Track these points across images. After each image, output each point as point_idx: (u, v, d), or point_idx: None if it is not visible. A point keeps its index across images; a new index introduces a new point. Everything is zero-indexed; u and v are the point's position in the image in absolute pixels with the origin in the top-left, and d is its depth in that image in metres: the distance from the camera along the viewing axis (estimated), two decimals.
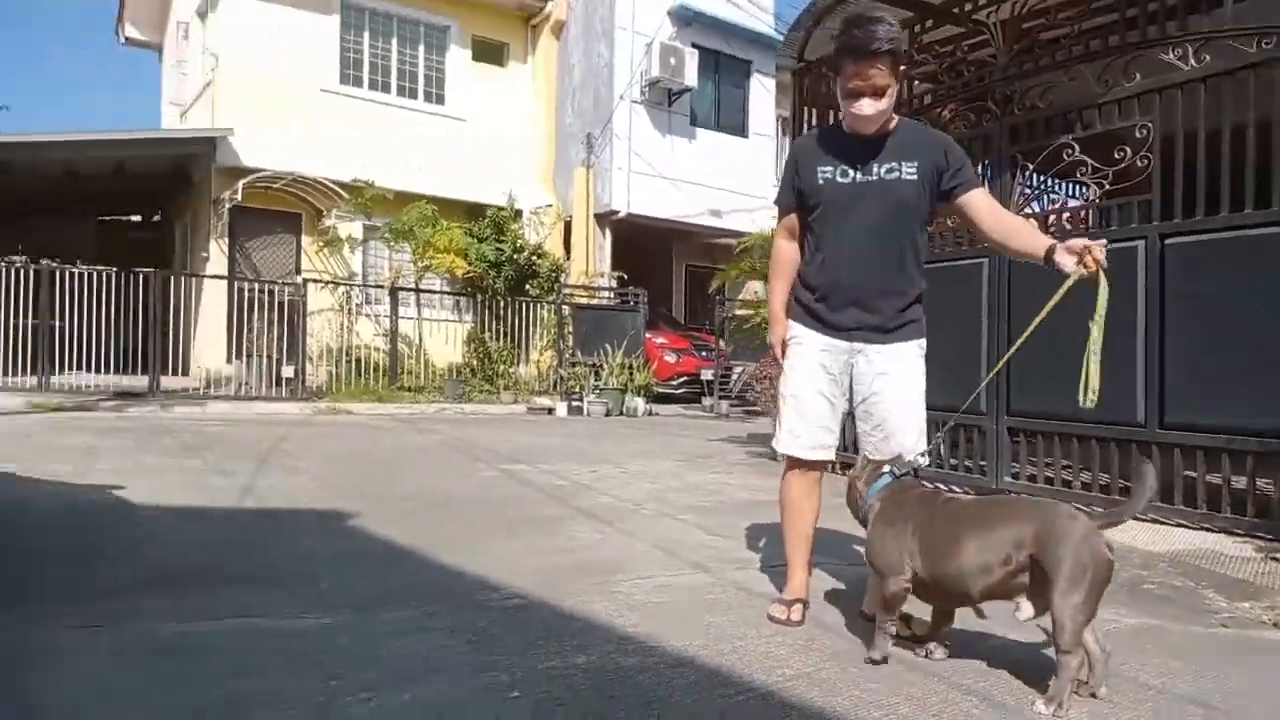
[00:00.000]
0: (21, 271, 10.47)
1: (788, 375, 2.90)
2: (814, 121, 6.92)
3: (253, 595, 2.93)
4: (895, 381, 2.74)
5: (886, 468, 2.61)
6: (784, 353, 2.93)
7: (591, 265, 15.20)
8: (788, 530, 2.93)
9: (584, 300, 14.17)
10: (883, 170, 2.71)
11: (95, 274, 10.69)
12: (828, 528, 3.26)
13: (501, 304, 13.65)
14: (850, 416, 2.88)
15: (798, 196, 2.86)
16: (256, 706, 2.02)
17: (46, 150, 12.19)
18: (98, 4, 41.29)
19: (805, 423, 2.83)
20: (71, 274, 10.59)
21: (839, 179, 2.75)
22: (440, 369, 13.06)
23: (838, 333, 2.78)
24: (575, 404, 12.06)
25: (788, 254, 2.95)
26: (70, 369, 10.49)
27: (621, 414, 11.95)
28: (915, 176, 2.69)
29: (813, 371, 2.82)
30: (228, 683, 2.17)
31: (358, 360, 12.28)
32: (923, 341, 2.81)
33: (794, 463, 2.90)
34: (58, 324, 10.40)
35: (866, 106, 2.64)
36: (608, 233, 15.46)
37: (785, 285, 2.96)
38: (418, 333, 12.94)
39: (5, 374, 10.22)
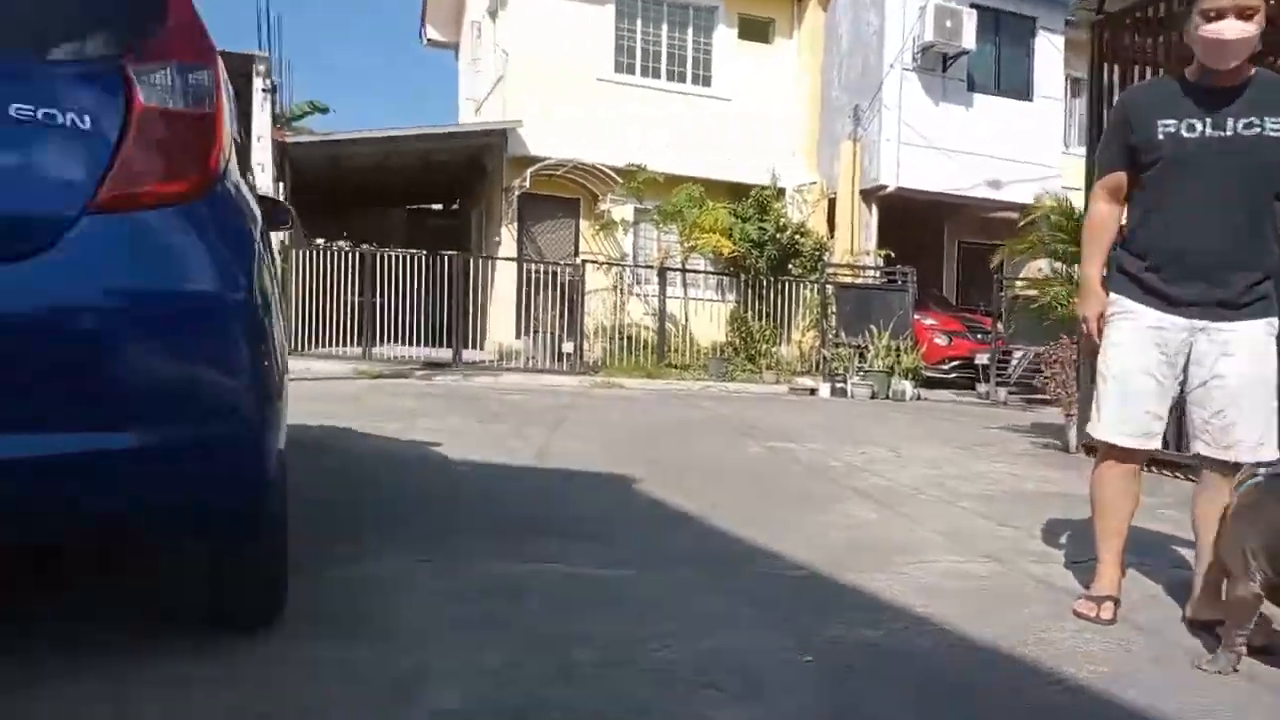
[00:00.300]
0: (348, 255, 12.04)
1: (1108, 353, 2.63)
2: (1116, 79, 6.29)
3: (556, 545, 3.20)
4: (1242, 364, 2.44)
5: (1261, 470, 2.34)
6: (1100, 329, 2.69)
7: (856, 243, 14.82)
8: (1099, 523, 2.71)
9: (848, 279, 13.88)
10: (1240, 125, 2.40)
11: (407, 256, 12.08)
12: (1146, 527, 3.00)
13: (764, 283, 13.71)
14: (1179, 404, 2.61)
15: (1129, 153, 2.59)
16: (574, 644, 2.21)
17: (367, 145, 13.86)
18: (404, 11, 46.24)
19: (1129, 407, 2.58)
20: (388, 257, 12.03)
21: (1184, 133, 2.45)
22: (704, 347, 13.39)
23: (1174, 307, 2.51)
24: (839, 385, 11.87)
25: (1108, 218, 2.69)
26: (386, 341, 11.94)
27: (887, 397, 11.59)
28: None
29: (1142, 349, 2.55)
30: (546, 621, 2.40)
31: (629, 337, 12.89)
32: (1275, 320, 2.48)
33: (1111, 451, 2.65)
34: (377, 301, 11.87)
35: (1230, 29, 2.32)
36: (874, 209, 14.99)
37: (1103, 253, 2.70)
38: (683, 312, 13.34)
39: (337, 345, 11.83)
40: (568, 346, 12.17)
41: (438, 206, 20.75)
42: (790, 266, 14.59)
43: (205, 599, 2.16)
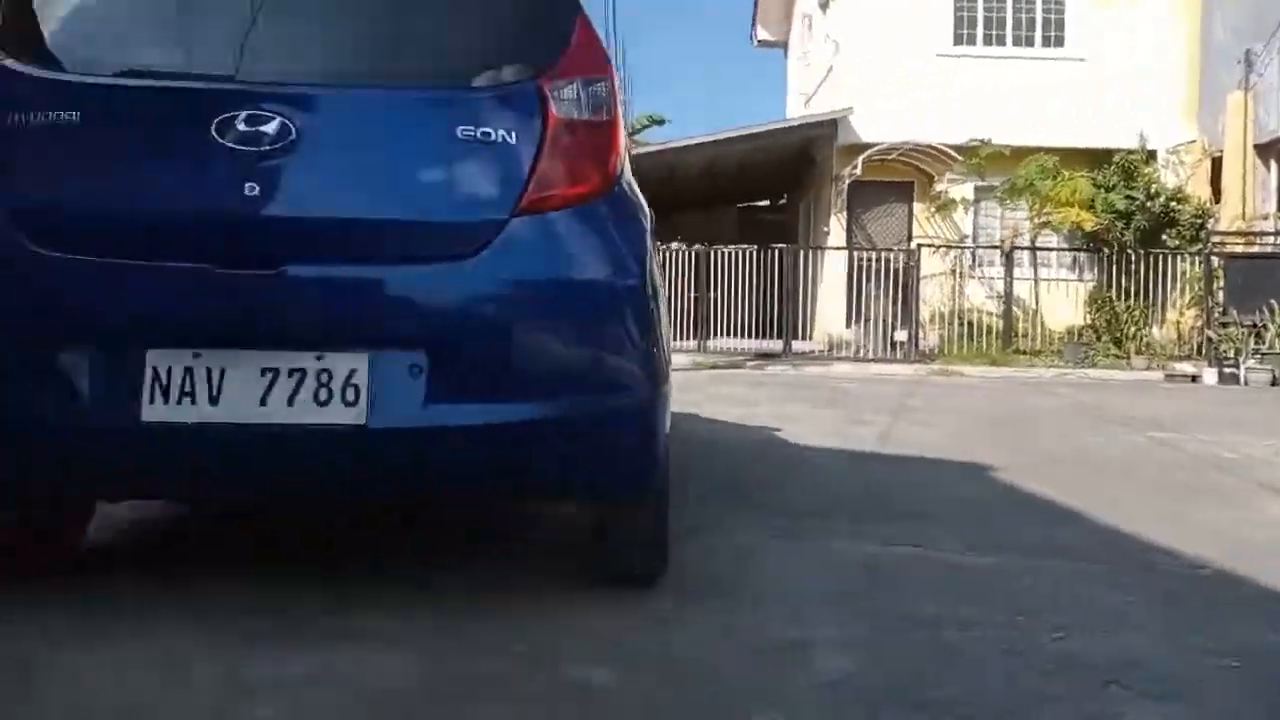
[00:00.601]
0: (682, 254, 12.67)
1: None
2: None
3: (917, 529, 3.10)
4: None
5: None
6: None
7: (1250, 206, 12.67)
8: None
9: (1240, 249, 11.94)
10: None
11: (737, 252, 12.47)
12: None
13: (1131, 258, 12.25)
14: None
15: None
16: (946, 627, 2.13)
17: (699, 150, 14.46)
18: (735, 17, 47.63)
19: None
20: (719, 254, 12.50)
21: None
22: (1057, 332, 12.29)
23: None
24: (1228, 370, 10.30)
25: None
26: (719, 334, 12.41)
27: None
28: None
29: None
30: (912, 602, 2.33)
31: (968, 323, 12.22)
32: None
33: None
34: (711, 296, 12.38)
35: None
36: (1273, 166, 12.72)
37: None
38: (1032, 294, 12.34)
39: (675, 339, 12.49)
40: (900, 334, 11.82)
41: (765, 202, 21.07)
42: (1164, 238, 12.89)
43: (593, 562, 2.38)
